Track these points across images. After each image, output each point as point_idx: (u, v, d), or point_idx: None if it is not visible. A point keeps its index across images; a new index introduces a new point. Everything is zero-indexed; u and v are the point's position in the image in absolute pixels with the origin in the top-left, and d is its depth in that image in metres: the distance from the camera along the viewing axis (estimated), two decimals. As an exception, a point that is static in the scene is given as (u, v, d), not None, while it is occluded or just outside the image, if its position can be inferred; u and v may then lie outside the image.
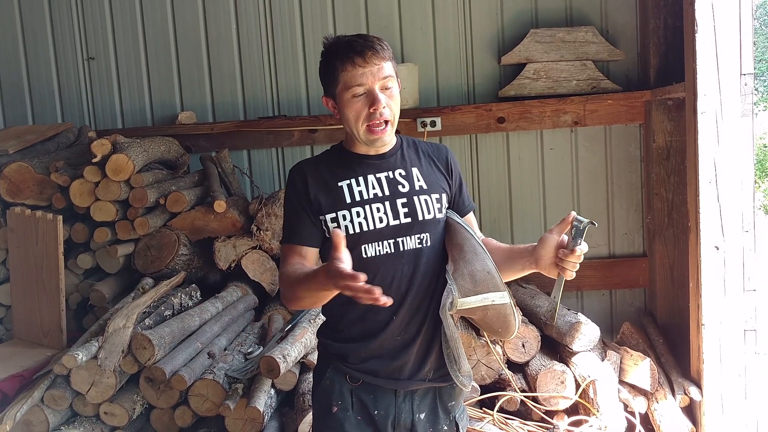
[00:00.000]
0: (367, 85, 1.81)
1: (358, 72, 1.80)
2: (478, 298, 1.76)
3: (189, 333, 2.94)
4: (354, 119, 1.83)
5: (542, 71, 3.72)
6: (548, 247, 1.76)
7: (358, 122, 1.83)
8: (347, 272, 1.51)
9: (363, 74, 1.80)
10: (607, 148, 3.90)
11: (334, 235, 1.57)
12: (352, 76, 1.81)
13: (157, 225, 3.40)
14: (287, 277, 1.81)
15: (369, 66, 1.80)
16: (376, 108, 1.80)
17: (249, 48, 4.01)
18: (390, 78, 1.83)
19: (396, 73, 1.88)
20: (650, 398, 3.00)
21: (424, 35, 3.94)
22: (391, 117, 1.84)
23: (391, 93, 1.84)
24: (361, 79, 1.80)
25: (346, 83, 1.82)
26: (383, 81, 1.82)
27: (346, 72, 1.81)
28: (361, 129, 1.83)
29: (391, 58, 1.86)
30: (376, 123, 1.82)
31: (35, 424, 2.70)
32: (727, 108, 2.81)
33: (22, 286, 3.26)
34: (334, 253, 1.56)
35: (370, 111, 1.81)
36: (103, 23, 4.06)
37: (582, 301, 3.98)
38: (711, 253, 2.86)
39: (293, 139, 3.94)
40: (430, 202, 1.90)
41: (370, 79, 1.80)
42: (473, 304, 1.78)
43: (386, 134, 1.84)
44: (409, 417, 1.92)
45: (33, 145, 3.62)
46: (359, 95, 1.82)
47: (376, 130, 1.82)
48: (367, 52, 1.80)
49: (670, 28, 3.61)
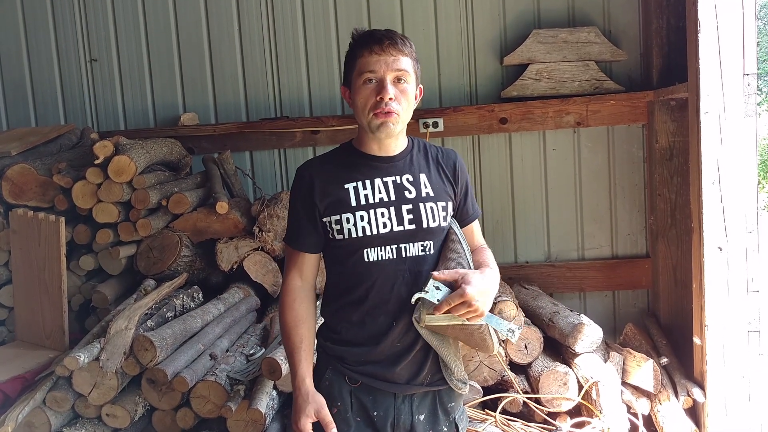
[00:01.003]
0: (380, 74, 1.81)
1: (372, 59, 1.81)
2: (446, 317, 1.75)
3: (191, 335, 2.93)
4: (362, 106, 1.84)
5: (545, 72, 3.71)
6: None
7: (366, 109, 1.83)
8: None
9: (377, 62, 1.81)
10: (609, 148, 3.89)
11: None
12: (367, 62, 1.82)
13: (160, 226, 3.41)
14: (287, 315, 1.92)
15: (385, 55, 1.81)
16: (383, 96, 1.80)
17: (251, 49, 4.01)
18: (405, 72, 1.83)
19: (417, 74, 1.88)
20: (653, 400, 2.99)
21: (427, 36, 3.94)
22: (399, 111, 1.83)
23: (404, 88, 1.84)
24: (374, 66, 1.81)
25: (360, 69, 1.83)
26: (397, 73, 1.82)
27: (363, 58, 1.83)
28: (368, 116, 1.83)
29: (412, 57, 1.87)
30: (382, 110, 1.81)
31: (37, 426, 2.70)
32: (730, 108, 2.80)
33: (24, 288, 3.26)
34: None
35: (377, 99, 1.80)
36: (105, 25, 4.07)
37: (585, 302, 3.97)
38: (714, 253, 2.85)
39: (295, 140, 3.94)
40: (436, 209, 1.89)
41: (383, 67, 1.81)
42: (441, 322, 1.77)
43: (392, 122, 1.82)
44: (408, 418, 1.92)
45: (36, 146, 3.62)
46: (370, 82, 1.82)
47: (381, 113, 1.81)
48: (385, 41, 1.81)
49: (673, 29, 3.60)
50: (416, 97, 1.90)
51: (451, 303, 1.70)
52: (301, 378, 1.86)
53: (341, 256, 1.89)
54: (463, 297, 1.69)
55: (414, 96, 1.88)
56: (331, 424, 1.82)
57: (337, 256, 1.90)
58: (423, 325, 1.80)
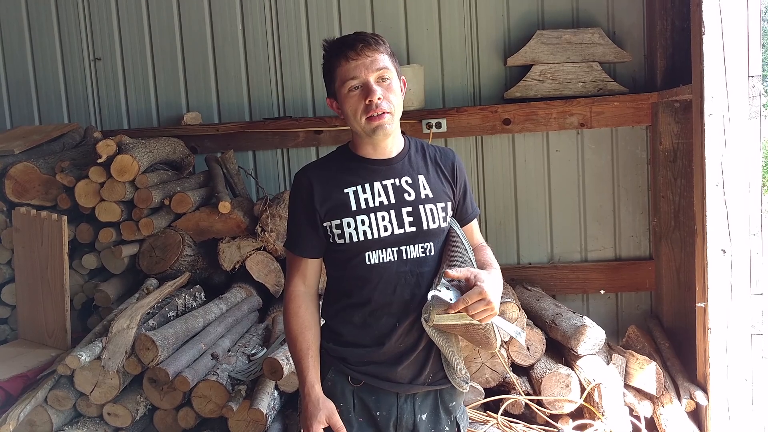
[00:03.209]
0: (362, 78, 1.80)
1: (351, 65, 1.80)
2: (456, 316, 1.74)
3: (193, 334, 2.93)
4: (353, 114, 1.83)
5: (548, 73, 3.70)
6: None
7: (357, 116, 1.82)
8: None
9: (356, 67, 1.80)
10: (613, 150, 3.88)
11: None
12: (346, 70, 1.81)
13: (162, 226, 3.41)
14: (292, 322, 1.92)
15: (361, 58, 1.80)
16: (371, 99, 1.79)
17: (255, 49, 4.01)
18: (385, 70, 1.82)
19: (396, 68, 1.87)
20: (656, 402, 2.98)
21: (430, 36, 3.93)
22: (390, 109, 1.82)
23: (389, 86, 1.83)
24: (355, 72, 1.80)
25: (342, 78, 1.82)
26: (378, 73, 1.81)
27: (341, 67, 1.82)
28: (361, 122, 1.82)
29: (387, 52, 1.85)
30: (374, 113, 1.80)
31: (39, 425, 2.70)
32: (735, 110, 2.79)
33: (27, 286, 3.26)
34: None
35: (366, 103, 1.79)
36: (109, 24, 4.07)
37: (587, 304, 3.96)
38: (718, 256, 2.83)
39: (298, 140, 3.93)
40: (436, 211, 1.89)
41: (364, 71, 1.80)
42: (451, 321, 1.76)
43: (387, 122, 1.82)
44: (411, 418, 1.92)
45: (39, 145, 3.63)
46: (355, 89, 1.81)
47: (374, 116, 1.80)
48: (358, 45, 1.80)
49: (677, 30, 3.59)
50: (401, 90, 1.90)
51: (468, 301, 1.68)
52: (310, 384, 1.86)
53: (342, 259, 1.88)
54: (481, 295, 1.67)
55: (400, 88, 1.88)
56: (342, 430, 1.83)
57: (338, 260, 1.90)
58: (431, 324, 1.80)
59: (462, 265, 1.80)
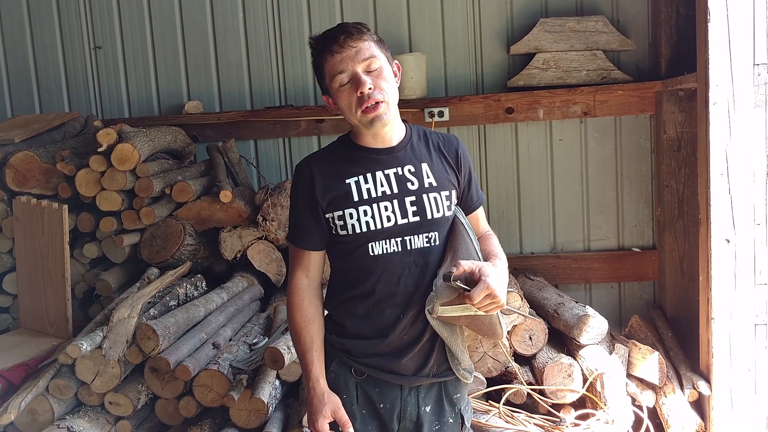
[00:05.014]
0: (349, 70, 1.78)
1: (336, 59, 1.79)
2: (461, 308, 1.73)
3: (194, 323, 2.93)
4: (348, 108, 1.81)
5: (552, 61, 3.68)
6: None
7: (352, 109, 1.80)
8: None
9: (342, 60, 1.78)
10: (617, 139, 3.86)
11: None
12: (333, 64, 1.80)
13: (163, 215, 3.40)
14: (295, 315, 1.90)
15: (346, 50, 1.78)
16: (362, 90, 1.76)
17: (256, 37, 3.99)
18: (373, 58, 1.79)
19: (386, 54, 1.84)
20: (658, 392, 2.97)
21: (432, 24, 3.90)
22: (384, 98, 1.79)
23: (379, 73, 1.80)
24: (341, 65, 1.78)
25: (330, 73, 1.81)
26: (365, 62, 1.78)
27: (328, 63, 1.81)
28: (357, 115, 1.80)
29: (373, 39, 1.82)
30: (368, 104, 1.78)
31: (40, 414, 2.71)
32: (740, 99, 2.76)
33: (28, 275, 3.26)
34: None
35: (358, 95, 1.77)
36: (110, 12, 4.05)
37: (590, 294, 3.95)
38: (722, 246, 2.82)
39: (300, 129, 3.92)
40: (440, 199, 1.86)
41: (350, 63, 1.78)
42: (455, 313, 1.75)
43: (383, 112, 1.79)
44: (414, 410, 1.91)
45: (39, 134, 3.61)
46: (345, 83, 1.79)
47: (369, 108, 1.78)
48: (340, 37, 1.79)
49: (682, 18, 3.55)
50: (395, 74, 1.87)
51: (473, 298, 1.66)
52: (315, 378, 1.85)
53: (345, 251, 1.87)
54: (487, 290, 1.65)
55: (393, 73, 1.86)
56: (348, 424, 1.82)
57: (342, 251, 1.88)
58: (435, 316, 1.78)
59: (467, 255, 1.78)
